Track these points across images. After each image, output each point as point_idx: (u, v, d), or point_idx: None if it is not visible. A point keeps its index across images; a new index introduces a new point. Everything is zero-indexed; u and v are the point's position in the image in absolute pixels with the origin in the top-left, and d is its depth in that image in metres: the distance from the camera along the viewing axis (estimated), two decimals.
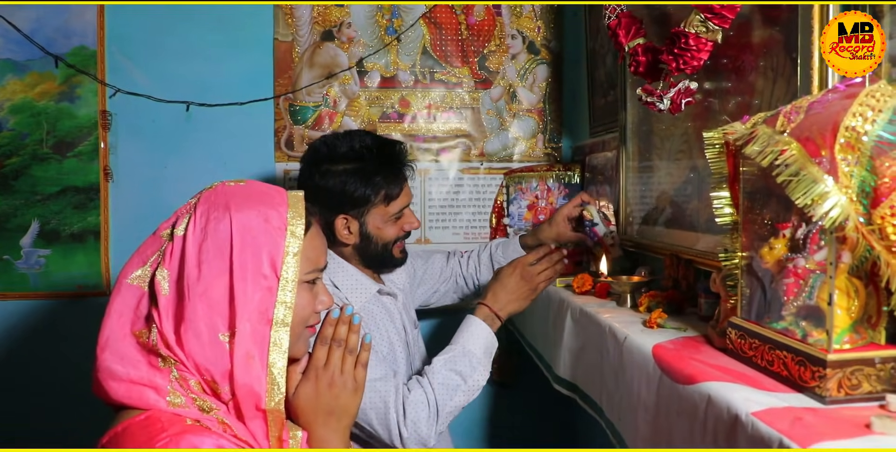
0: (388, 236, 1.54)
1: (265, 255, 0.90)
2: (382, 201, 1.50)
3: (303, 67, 2.28)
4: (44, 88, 2.21)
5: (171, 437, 0.81)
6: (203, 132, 2.25)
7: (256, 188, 0.99)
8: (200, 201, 0.95)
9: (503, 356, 2.38)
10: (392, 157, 1.52)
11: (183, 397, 0.87)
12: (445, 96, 2.35)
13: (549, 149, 2.39)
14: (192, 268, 0.89)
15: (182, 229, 0.92)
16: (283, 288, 0.91)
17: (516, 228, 2.31)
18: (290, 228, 0.94)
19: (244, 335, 0.87)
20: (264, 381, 0.88)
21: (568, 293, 1.58)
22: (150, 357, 0.88)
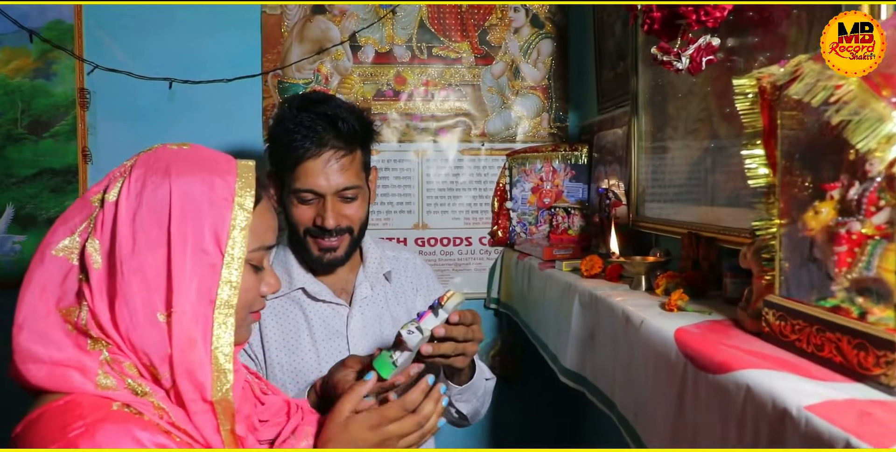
0: (294, 217, 1.33)
1: (208, 228, 0.79)
2: (284, 169, 1.31)
3: (292, 42, 2.15)
4: (18, 65, 2.08)
5: (87, 426, 0.70)
6: (187, 111, 2.12)
7: (202, 153, 0.87)
8: (137, 164, 0.83)
9: (505, 349, 2.25)
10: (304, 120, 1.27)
11: (114, 379, 0.76)
12: (444, 73, 2.21)
13: (555, 128, 2.26)
14: (126, 239, 0.78)
15: (114, 194, 0.80)
16: (229, 265, 0.80)
17: (520, 212, 2.18)
18: (237, 199, 0.82)
19: (184, 316, 0.77)
20: (209, 369, 0.77)
21: (575, 276, 1.45)
22: (77, 338, 0.77)
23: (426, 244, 2.23)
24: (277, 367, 1.31)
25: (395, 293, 1.45)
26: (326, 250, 1.33)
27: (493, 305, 2.23)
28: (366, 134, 1.35)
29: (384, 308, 1.41)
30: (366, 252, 1.45)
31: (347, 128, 1.29)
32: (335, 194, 1.29)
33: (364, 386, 0.96)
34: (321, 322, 1.35)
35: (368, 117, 1.38)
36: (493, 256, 2.25)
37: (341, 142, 1.28)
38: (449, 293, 1.05)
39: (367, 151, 1.38)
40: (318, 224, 1.30)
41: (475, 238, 2.25)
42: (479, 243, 2.25)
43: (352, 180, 1.30)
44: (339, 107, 1.31)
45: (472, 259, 2.25)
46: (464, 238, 2.25)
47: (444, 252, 2.24)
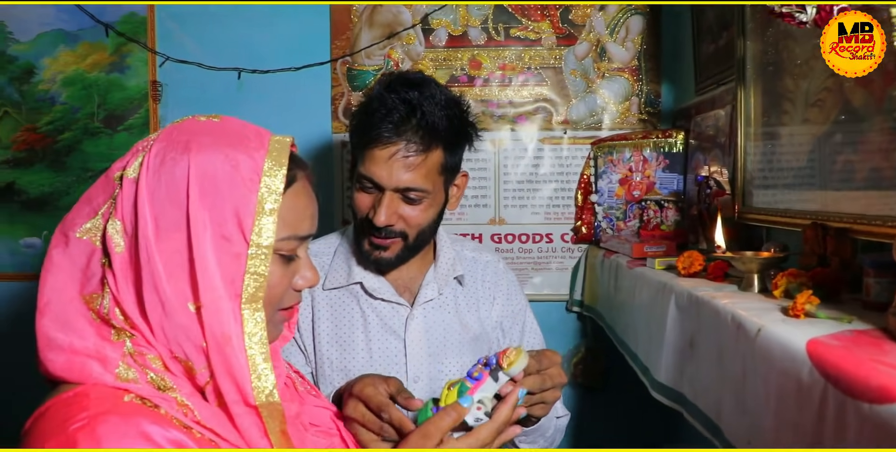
0: (354, 203, 1.20)
1: (230, 212, 0.69)
2: (357, 150, 1.18)
3: (362, 27, 2.04)
4: (95, 59, 2.09)
5: (90, 419, 0.62)
6: (255, 102, 2.05)
7: (230, 126, 0.76)
8: (159, 137, 0.74)
9: (588, 356, 2.05)
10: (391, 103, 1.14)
11: (136, 372, 0.68)
12: (522, 55, 2.04)
13: (645, 113, 2.04)
14: (148, 220, 0.69)
15: (133, 170, 0.71)
16: (255, 256, 0.70)
17: (606, 206, 1.98)
18: (265, 179, 0.71)
19: (213, 310, 0.68)
20: (247, 370, 0.68)
21: (670, 275, 1.25)
22: (101, 327, 0.70)
23: (503, 241, 2.07)
24: (327, 362, 1.20)
25: (467, 299, 1.30)
26: (376, 248, 1.20)
27: (576, 308, 2.04)
28: (453, 134, 1.18)
29: (453, 314, 1.27)
30: (439, 250, 1.31)
31: (428, 122, 1.13)
32: (396, 190, 1.15)
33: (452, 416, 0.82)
34: (378, 320, 1.22)
35: (465, 115, 1.21)
36: (576, 254, 2.06)
37: (417, 136, 1.13)
38: (511, 351, 0.85)
39: (454, 152, 1.20)
40: (370, 217, 1.17)
41: (556, 235, 2.06)
42: (560, 239, 2.07)
43: (417, 182, 1.14)
44: (429, 97, 1.15)
45: (553, 258, 2.07)
46: (544, 235, 2.07)
47: (523, 250, 2.07)
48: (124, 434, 0.62)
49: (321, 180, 2.02)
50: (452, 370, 1.25)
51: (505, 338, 1.35)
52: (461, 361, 1.25)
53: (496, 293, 1.35)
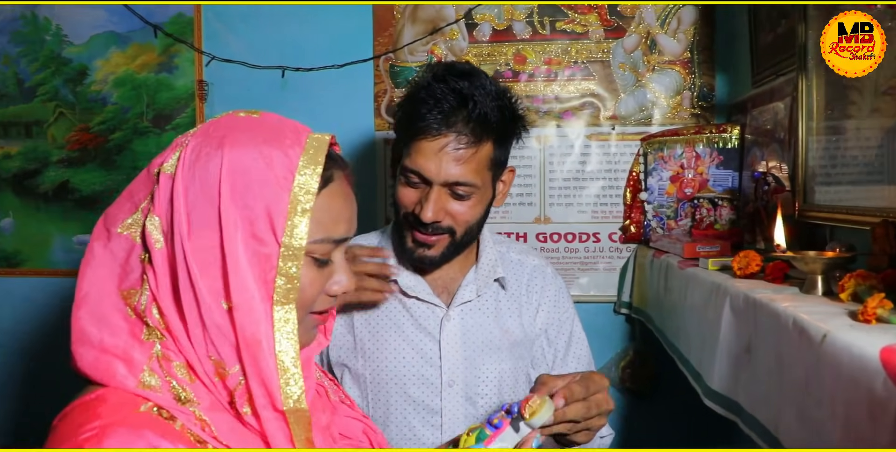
0: (398, 198, 1.15)
1: (261, 210, 0.67)
2: (403, 142, 1.13)
3: (405, 23, 2.02)
4: (144, 60, 2.13)
5: (101, 429, 0.62)
6: (298, 100, 2.05)
7: (268, 123, 0.74)
8: (197, 132, 0.73)
9: (637, 360, 1.98)
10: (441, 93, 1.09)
11: (159, 379, 0.67)
12: (569, 49, 1.98)
13: (698, 108, 1.95)
14: (182, 217, 0.67)
15: (171, 165, 0.70)
16: (286, 257, 0.67)
17: (656, 204, 1.90)
18: (299, 178, 0.69)
19: (245, 310, 0.66)
20: (276, 375, 0.66)
21: (725, 276, 1.18)
22: (135, 324, 0.69)
23: (548, 240, 2.01)
24: (360, 361, 1.18)
25: (509, 303, 1.25)
26: (420, 245, 1.16)
27: (624, 310, 1.97)
28: (504, 126, 1.14)
29: (493, 318, 1.22)
30: (481, 251, 1.26)
31: (479, 114, 1.09)
32: (444, 185, 1.11)
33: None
34: (412, 320, 1.19)
35: (517, 108, 1.17)
36: (625, 254, 1.99)
37: (468, 129, 1.09)
38: (535, 400, 0.78)
39: (503, 146, 1.16)
40: (416, 212, 1.12)
41: (604, 234, 2.00)
42: (608, 239, 2.00)
43: (467, 176, 1.10)
44: (480, 87, 1.10)
45: (601, 258, 2.00)
46: (591, 234, 2.00)
47: (569, 249, 2.01)
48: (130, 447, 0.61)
49: (364, 179, 2.00)
50: (490, 376, 1.20)
51: (550, 347, 1.30)
52: (500, 367, 1.21)
53: (542, 299, 1.29)
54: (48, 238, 2.18)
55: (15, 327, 2.17)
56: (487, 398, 1.21)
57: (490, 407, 1.22)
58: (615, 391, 1.99)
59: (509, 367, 1.22)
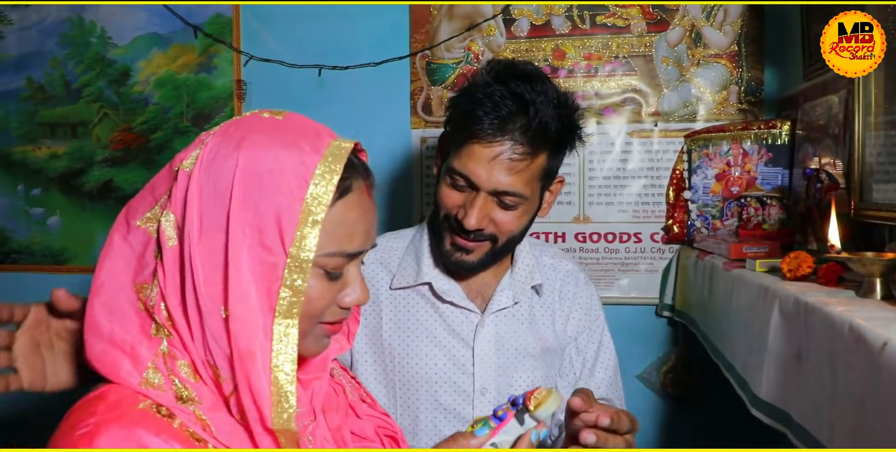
0: (440, 198, 1.10)
1: (271, 218, 0.65)
2: (453, 141, 1.08)
3: (441, 20, 1.99)
4: (184, 60, 2.15)
5: (95, 426, 0.61)
6: (335, 99, 2.05)
7: (290, 126, 0.71)
8: (218, 131, 0.71)
9: (679, 365, 1.91)
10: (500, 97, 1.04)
11: (162, 377, 0.66)
12: (609, 44, 1.93)
13: (746, 103, 1.87)
14: (194, 217, 0.66)
15: (189, 163, 0.69)
16: (292, 268, 0.65)
17: (700, 203, 1.83)
18: (313, 187, 0.66)
19: (241, 321, 0.64)
20: (268, 391, 0.63)
21: (773, 278, 1.11)
22: (144, 319, 0.68)
23: (587, 240, 1.96)
24: (390, 366, 1.15)
25: (543, 310, 1.21)
26: (459, 249, 1.11)
27: (667, 312, 1.90)
28: (562, 136, 1.09)
29: (527, 326, 1.18)
30: (517, 255, 1.22)
31: (539, 123, 1.03)
32: (492, 193, 1.06)
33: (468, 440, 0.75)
34: (445, 326, 1.16)
35: (577, 117, 1.12)
36: (668, 255, 1.92)
37: (525, 137, 1.04)
38: (541, 391, 0.75)
39: (557, 157, 1.12)
40: (459, 218, 1.08)
41: (646, 234, 1.94)
42: (650, 239, 1.93)
43: (517, 187, 1.05)
44: (542, 93, 1.05)
45: (642, 258, 1.94)
46: (632, 234, 1.94)
47: (609, 250, 1.95)
48: (120, 446, 0.61)
49: (399, 177, 1.98)
50: (522, 384, 1.16)
51: (579, 356, 1.25)
52: (533, 376, 1.17)
53: (574, 306, 1.25)
54: (92, 236, 2.23)
55: None
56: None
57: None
58: (656, 397, 1.93)
59: (541, 375, 1.18)
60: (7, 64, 2.26)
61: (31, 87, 2.24)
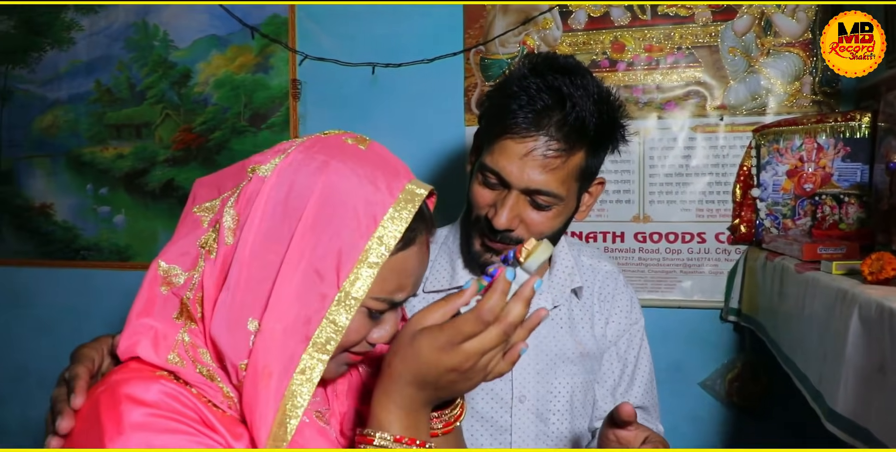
0: (472, 196, 1.06)
1: (334, 249, 0.65)
2: (486, 137, 1.04)
3: (496, 14, 1.95)
4: (242, 61, 2.18)
5: (114, 383, 0.63)
6: (389, 96, 2.04)
7: (372, 159, 0.71)
8: (300, 147, 0.70)
9: (746, 373, 1.80)
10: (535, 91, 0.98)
11: (185, 362, 0.66)
12: (672, 34, 1.84)
13: (821, 94, 1.76)
14: (257, 222, 0.66)
15: (267, 169, 0.69)
16: (340, 303, 0.64)
17: (770, 201, 1.73)
18: (380, 230, 0.66)
19: (270, 339, 0.63)
20: (272, 415, 0.62)
21: (853, 281, 1.03)
22: (167, 301, 0.69)
23: (647, 240, 1.88)
24: None
25: (582, 313, 1.16)
26: (489, 250, 1.06)
27: (732, 317, 1.80)
28: (601, 134, 1.03)
29: (566, 330, 1.13)
30: (556, 256, 1.17)
31: (576, 118, 0.98)
32: (524, 191, 1.01)
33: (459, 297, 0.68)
34: None
35: (619, 115, 1.05)
36: (734, 256, 1.82)
37: (561, 133, 0.98)
38: (529, 243, 0.71)
39: (597, 156, 1.06)
40: (489, 217, 1.03)
41: (710, 234, 1.84)
42: (714, 240, 1.84)
43: (551, 186, 1.00)
44: (581, 87, 0.99)
45: (706, 260, 1.85)
46: (695, 234, 1.85)
47: (671, 250, 1.87)
48: (146, 389, 0.62)
49: (452, 175, 1.95)
50: (563, 390, 1.11)
51: (619, 362, 1.20)
52: (573, 381, 1.11)
53: (613, 309, 1.20)
54: (155, 234, 2.29)
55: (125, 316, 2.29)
56: (559, 414, 1.12)
57: (562, 425, 1.13)
58: (720, 406, 1.83)
59: (581, 381, 1.13)
60: (78, 69, 2.35)
61: (99, 90, 2.32)
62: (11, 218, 2.43)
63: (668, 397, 1.82)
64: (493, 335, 0.64)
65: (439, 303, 0.68)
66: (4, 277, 2.42)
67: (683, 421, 1.82)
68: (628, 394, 1.24)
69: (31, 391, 2.40)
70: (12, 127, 2.42)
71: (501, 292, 0.65)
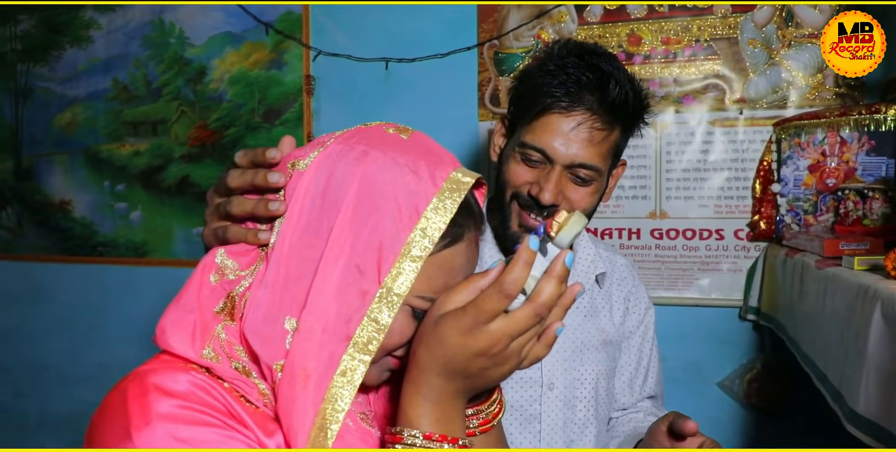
0: (507, 173, 1.05)
1: (374, 243, 0.61)
2: (524, 113, 1.03)
3: (510, 8, 1.93)
4: (256, 58, 2.19)
5: (143, 373, 0.61)
6: (402, 91, 2.02)
7: (414, 148, 0.67)
8: (340, 138, 0.67)
9: (765, 373, 1.76)
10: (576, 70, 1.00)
11: (221, 358, 0.63)
12: (689, 26, 1.80)
13: (844, 86, 1.71)
14: (295, 217, 0.63)
15: (305, 164, 0.66)
16: (382, 299, 0.60)
17: (791, 197, 1.68)
18: (424, 219, 0.62)
19: (308, 340, 0.60)
20: (310, 420, 0.59)
21: (875, 277, 0.99)
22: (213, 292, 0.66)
23: (664, 237, 1.84)
24: None
25: (603, 301, 1.16)
26: (527, 230, 1.06)
27: (752, 316, 1.76)
28: (636, 114, 1.06)
29: (589, 319, 1.13)
30: (577, 243, 1.16)
31: (619, 95, 1.00)
32: (567, 167, 1.02)
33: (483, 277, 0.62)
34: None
35: (646, 95, 1.09)
36: (754, 253, 1.78)
37: (603, 109, 1.01)
38: (560, 216, 0.64)
39: (627, 135, 1.08)
40: (533, 194, 1.03)
41: (729, 231, 1.80)
42: (733, 236, 1.80)
43: (594, 159, 1.02)
44: (619, 69, 1.03)
45: (725, 257, 1.81)
46: (713, 230, 1.81)
47: (688, 247, 1.83)
48: (175, 380, 0.60)
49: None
50: (588, 377, 1.11)
51: (635, 355, 1.22)
52: (597, 368, 1.12)
53: (631, 301, 1.20)
54: (171, 230, 2.30)
55: (141, 312, 2.31)
56: (585, 401, 1.13)
57: (588, 413, 1.13)
58: (739, 407, 1.79)
59: (605, 368, 1.14)
60: (96, 67, 2.37)
61: (116, 87, 2.34)
62: (31, 214, 2.46)
63: (686, 397, 1.79)
64: (524, 316, 0.58)
65: (462, 284, 0.62)
66: (24, 272, 2.46)
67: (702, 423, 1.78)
68: (645, 386, 1.25)
69: (50, 384, 2.43)
70: (33, 124, 2.45)
71: (524, 262, 0.58)
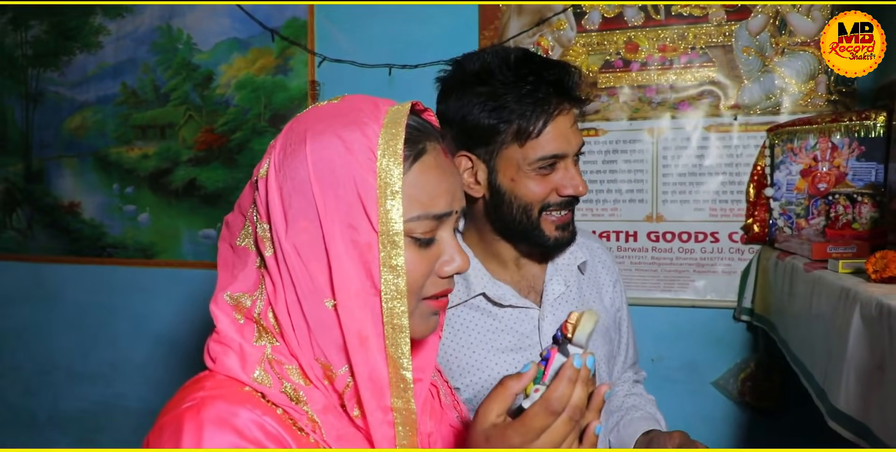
0: (527, 194, 1.05)
1: (352, 197, 0.64)
2: (514, 137, 1.03)
3: (510, 15, 1.97)
4: (262, 63, 2.23)
5: (200, 400, 0.62)
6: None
7: (349, 106, 0.71)
8: (282, 133, 0.71)
9: (759, 373, 1.80)
10: (537, 76, 1.03)
11: (273, 380, 0.65)
12: (685, 34, 1.84)
13: (836, 93, 1.75)
14: (279, 218, 0.67)
15: (264, 170, 0.69)
16: (385, 244, 0.63)
17: (784, 201, 1.72)
18: (380, 156, 0.64)
19: (349, 308, 0.64)
20: (386, 372, 0.63)
21: (856, 280, 1.03)
22: (243, 328, 0.68)
23: (661, 239, 1.89)
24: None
25: (590, 287, 1.20)
26: (562, 227, 1.10)
27: (745, 317, 1.80)
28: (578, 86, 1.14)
29: (581, 307, 1.15)
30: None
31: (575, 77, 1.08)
32: (575, 154, 1.09)
33: (518, 382, 0.66)
34: (506, 329, 1.13)
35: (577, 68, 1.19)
36: (747, 256, 1.82)
37: (571, 95, 1.07)
38: (573, 317, 0.69)
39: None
40: (568, 193, 1.06)
41: (723, 234, 1.84)
42: (728, 239, 1.84)
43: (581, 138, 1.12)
44: (549, 58, 1.15)
45: (719, 259, 1.85)
46: (708, 233, 1.85)
47: (684, 250, 1.87)
48: (222, 420, 0.61)
49: None
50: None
51: (622, 333, 1.30)
52: (598, 354, 1.17)
53: (608, 281, 1.27)
54: (178, 232, 2.35)
55: (148, 312, 2.35)
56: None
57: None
58: (733, 406, 1.83)
59: (604, 353, 1.19)
60: (106, 72, 2.42)
61: (125, 92, 2.39)
62: (41, 216, 2.51)
63: (682, 395, 1.83)
64: (561, 425, 0.62)
65: (497, 390, 0.66)
66: (34, 272, 2.51)
67: (697, 421, 1.83)
68: (627, 358, 1.32)
69: (59, 383, 2.48)
70: (43, 128, 2.50)
71: (569, 380, 0.63)
